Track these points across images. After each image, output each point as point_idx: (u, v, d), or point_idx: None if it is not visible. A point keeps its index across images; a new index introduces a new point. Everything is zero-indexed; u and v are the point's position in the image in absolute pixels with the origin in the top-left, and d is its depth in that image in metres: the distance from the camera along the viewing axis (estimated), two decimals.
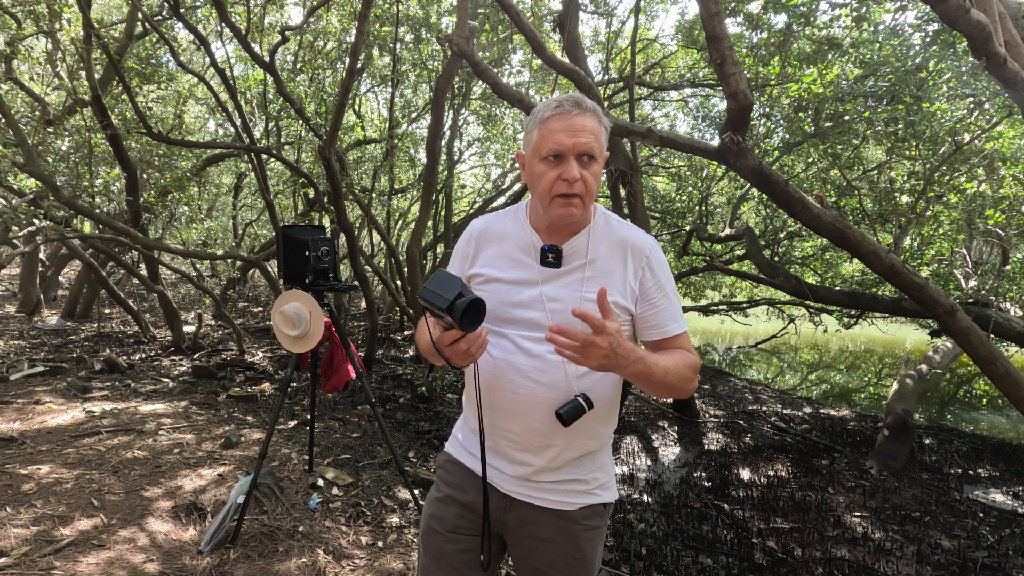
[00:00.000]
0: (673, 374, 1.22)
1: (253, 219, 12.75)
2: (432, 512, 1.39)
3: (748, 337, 12.42)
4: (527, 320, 1.28)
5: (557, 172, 1.21)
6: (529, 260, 1.31)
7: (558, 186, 1.21)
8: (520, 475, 1.32)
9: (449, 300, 1.07)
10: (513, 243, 1.33)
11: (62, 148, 6.73)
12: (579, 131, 1.21)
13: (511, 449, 1.32)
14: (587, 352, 1.09)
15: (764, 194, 4.56)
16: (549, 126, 1.22)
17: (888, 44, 5.09)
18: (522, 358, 1.27)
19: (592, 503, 1.34)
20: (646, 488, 4.06)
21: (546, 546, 1.33)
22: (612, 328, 1.09)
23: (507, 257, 1.32)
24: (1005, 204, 5.58)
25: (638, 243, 1.33)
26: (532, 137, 1.25)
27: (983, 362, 3.35)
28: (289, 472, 3.54)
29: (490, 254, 1.34)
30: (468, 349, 1.13)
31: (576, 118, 1.21)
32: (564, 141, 1.20)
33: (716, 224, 8.47)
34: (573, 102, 1.22)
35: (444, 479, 1.42)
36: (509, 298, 1.29)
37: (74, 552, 2.49)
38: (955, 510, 3.89)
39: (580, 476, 1.33)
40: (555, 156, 1.21)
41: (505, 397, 1.29)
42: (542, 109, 1.24)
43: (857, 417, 6.28)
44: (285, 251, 2.94)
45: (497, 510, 1.35)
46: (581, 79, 3.71)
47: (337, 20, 7.31)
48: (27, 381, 5.27)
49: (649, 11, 8.68)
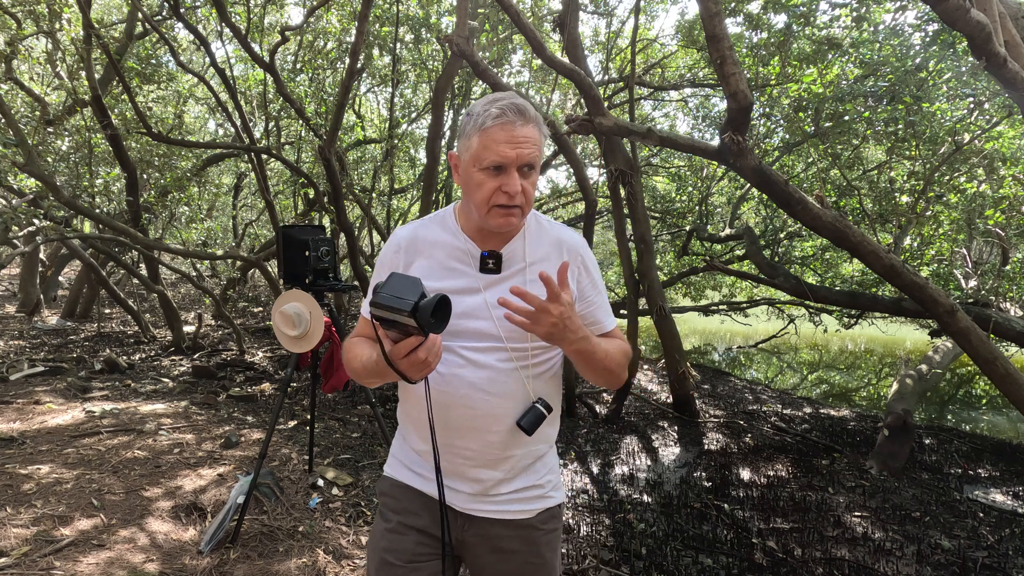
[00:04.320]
0: (611, 359, 1.26)
1: (253, 219, 12.75)
2: (385, 546, 1.29)
3: (748, 337, 12.42)
4: (474, 330, 1.23)
5: (497, 183, 1.15)
6: (466, 268, 1.26)
7: (498, 197, 1.16)
8: (477, 492, 1.28)
9: (413, 301, 0.99)
10: (446, 252, 1.27)
11: (62, 148, 6.74)
12: (522, 142, 1.14)
13: (467, 467, 1.27)
14: (538, 318, 1.09)
15: (764, 194, 4.56)
16: (491, 135, 1.14)
17: (888, 44, 5.09)
18: (472, 371, 1.22)
19: (548, 506, 1.34)
20: (646, 488, 4.07)
21: (508, 557, 1.31)
22: (566, 299, 1.10)
23: (442, 266, 1.26)
24: (1005, 204, 5.58)
25: (571, 242, 1.33)
26: (472, 143, 1.17)
27: (983, 362, 3.35)
28: (289, 472, 3.54)
29: (423, 264, 1.27)
30: (427, 358, 1.05)
31: (519, 129, 1.14)
32: (507, 153, 1.14)
33: (716, 224, 8.47)
34: (516, 110, 1.15)
35: (391, 507, 1.33)
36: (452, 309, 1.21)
37: (74, 552, 2.49)
38: (955, 510, 3.89)
39: (535, 481, 1.32)
40: (496, 168, 1.15)
41: (460, 414, 1.23)
42: (482, 115, 1.16)
43: (857, 417, 6.28)
44: (285, 251, 2.94)
45: (456, 531, 1.30)
46: (581, 79, 3.71)
47: (337, 20, 7.31)
48: (27, 381, 5.27)
49: (649, 11, 8.67)
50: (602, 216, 8.96)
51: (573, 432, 5.12)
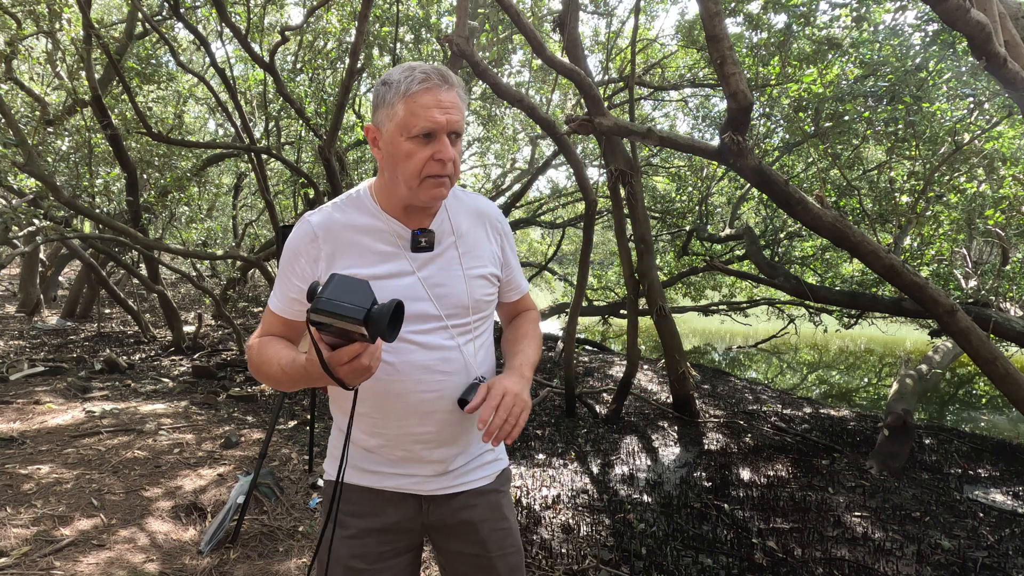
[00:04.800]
0: (537, 350, 1.36)
1: (253, 219, 12.75)
2: (348, 553, 1.24)
3: (748, 337, 12.42)
4: (416, 313, 1.18)
5: (429, 152, 1.10)
6: (396, 250, 1.19)
7: (430, 167, 1.11)
8: (439, 472, 1.26)
9: (365, 309, 0.89)
10: (371, 236, 1.19)
11: (62, 148, 6.74)
12: (449, 107, 1.11)
13: (426, 451, 1.24)
14: (522, 407, 1.15)
15: (764, 194, 4.56)
16: (419, 101, 1.09)
17: (888, 44, 5.09)
18: (424, 354, 1.19)
19: (503, 468, 1.37)
20: (646, 488, 4.07)
21: (477, 528, 1.30)
22: (497, 390, 1.15)
23: (370, 251, 1.18)
24: (1005, 204, 5.58)
25: (489, 210, 1.34)
26: (396, 111, 1.10)
27: (983, 362, 3.35)
28: (289, 472, 3.54)
29: (349, 252, 1.17)
30: (369, 364, 0.97)
31: (445, 93, 1.10)
32: (438, 119, 1.09)
33: (716, 224, 8.47)
34: (440, 75, 1.11)
35: (349, 512, 1.26)
36: (390, 295, 1.13)
37: (74, 552, 2.49)
38: (955, 510, 3.89)
39: (487, 447, 1.33)
40: (426, 135, 1.10)
41: (417, 399, 1.20)
42: (404, 81, 1.10)
43: (857, 417, 6.28)
44: None
45: (421, 517, 1.28)
46: (581, 79, 3.71)
47: (337, 20, 7.31)
48: (27, 381, 5.27)
49: (649, 11, 8.68)
50: (602, 216, 8.96)
51: (573, 432, 5.12)
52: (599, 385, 6.93)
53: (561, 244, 11.26)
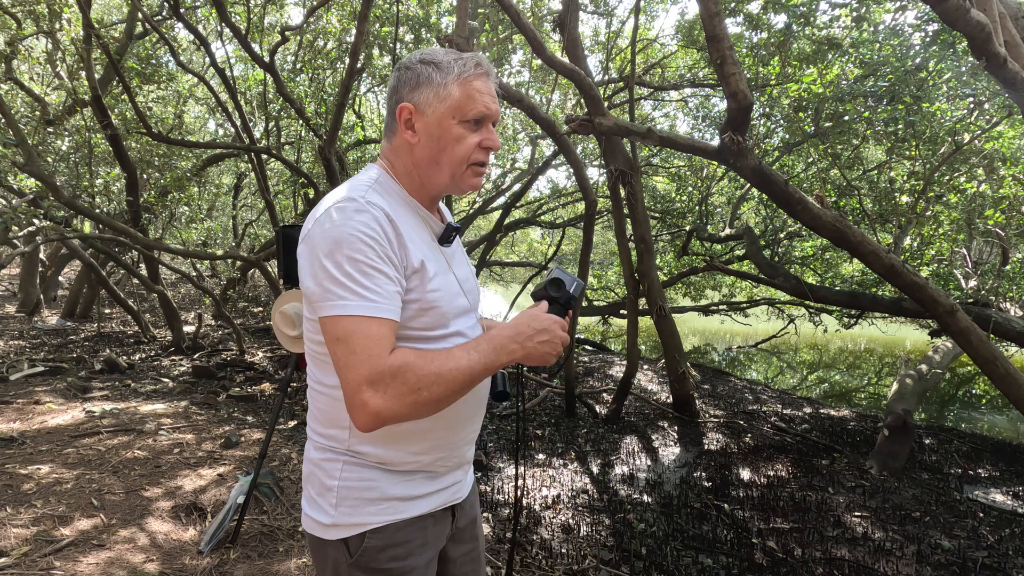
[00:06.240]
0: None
1: (253, 219, 12.75)
2: None
3: (748, 337, 12.42)
4: (463, 308, 1.13)
5: (478, 138, 1.07)
6: (433, 241, 1.13)
7: (477, 154, 1.08)
8: (467, 472, 1.23)
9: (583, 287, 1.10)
10: (416, 227, 1.09)
11: (62, 148, 6.74)
12: (496, 97, 1.10)
13: (470, 451, 1.20)
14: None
15: (764, 194, 4.56)
16: (475, 86, 1.06)
17: (888, 44, 5.09)
18: None
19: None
20: (646, 488, 4.06)
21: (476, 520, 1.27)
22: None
23: (422, 241, 1.08)
24: (1005, 204, 5.58)
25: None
26: (451, 92, 1.04)
27: (983, 362, 3.35)
28: (289, 472, 3.54)
29: (410, 240, 1.04)
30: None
31: (492, 83, 1.09)
32: (491, 106, 1.07)
33: (716, 224, 8.47)
34: (489, 65, 1.09)
35: (394, 555, 1.08)
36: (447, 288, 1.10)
37: (74, 552, 2.49)
38: (955, 510, 3.89)
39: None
40: (477, 121, 1.07)
41: (478, 397, 1.15)
42: (460, 66, 1.06)
43: (857, 417, 6.28)
44: (285, 251, 2.94)
45: (449, 530, 1.20)
46: (581, 79, 3.71)
47: (337, 20, 7.31)
48: (27, 381, 5.27)
49: (649, 11, 8.68)
50: (602, 216, 8.96)
51: (573, 432, 5.12)
52: (599, 385, 6.93)
53: (561, 244, 11.26)
